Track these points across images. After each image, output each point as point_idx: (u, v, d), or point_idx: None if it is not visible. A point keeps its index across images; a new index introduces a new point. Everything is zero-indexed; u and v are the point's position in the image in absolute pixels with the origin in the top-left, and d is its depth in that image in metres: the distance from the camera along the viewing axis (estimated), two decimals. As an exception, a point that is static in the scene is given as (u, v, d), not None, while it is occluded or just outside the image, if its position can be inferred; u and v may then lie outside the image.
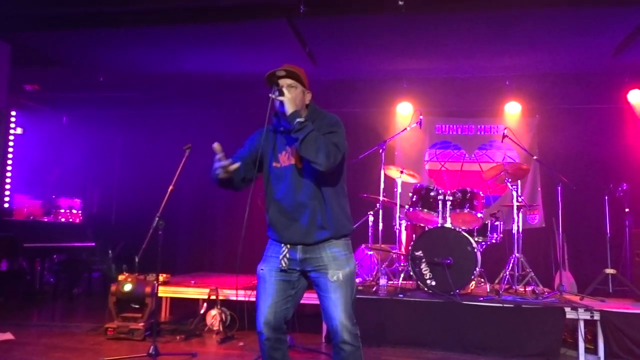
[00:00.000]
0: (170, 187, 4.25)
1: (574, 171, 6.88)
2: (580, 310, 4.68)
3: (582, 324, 4.66)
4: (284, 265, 2.65)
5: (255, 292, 5.24)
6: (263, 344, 2.64)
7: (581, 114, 7.54)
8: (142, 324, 4.91)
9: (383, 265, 5.93)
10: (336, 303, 2.56)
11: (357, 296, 2.75)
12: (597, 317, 4.64)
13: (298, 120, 2.53)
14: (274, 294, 2.63)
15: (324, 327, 5.00)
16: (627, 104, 7.31)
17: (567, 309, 4.69)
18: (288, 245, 2.65)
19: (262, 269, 2.70)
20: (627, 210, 5.96)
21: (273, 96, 2.58)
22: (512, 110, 7.75)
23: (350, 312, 2.58)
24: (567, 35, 6.10)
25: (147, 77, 7.82)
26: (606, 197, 6.02)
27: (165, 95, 8.32)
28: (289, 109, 2.56)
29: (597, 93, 7.43)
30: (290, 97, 2.59)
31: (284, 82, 2.62)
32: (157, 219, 4.10)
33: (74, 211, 8.08)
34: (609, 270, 5.68)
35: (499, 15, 5.63)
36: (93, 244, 7.86)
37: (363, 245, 6.50)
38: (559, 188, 5.73)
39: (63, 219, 7.91)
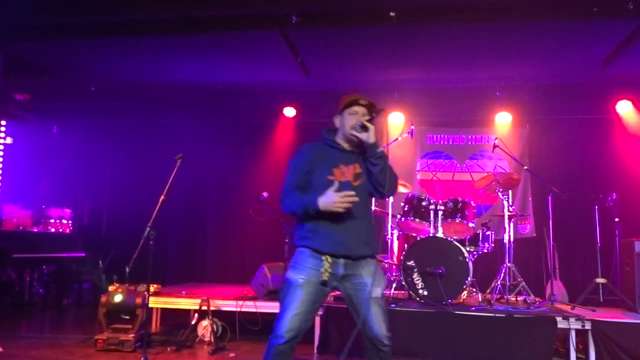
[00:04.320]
0: (162, 197, 4.24)
1: (564, 181, 6.93)
2: (572, 319, 4.70)
3: (573, 333, 4.69)
4: (325, 278, 2.78)
5: (246, 302, 5.27)
6: (275, 349, 2.73)
7: (571, 125, 7.61)
8: (132, 335, 4.87)
9: (375, 275, 5.91)
10: (379, 316, 2.83)
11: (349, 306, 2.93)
12: (588, 326, 4.67)
13: (381, 149, 2.89)
14: (306, 305, 2.75)
15: (316, 337, 4.99)
16: (616, 114, 7.38)
17: (559, 319, 4.71)
18: (330, 259, 2.78)
19: (302, 278, 2.77)
20: (616, 220, 5.98)
21: (363, 121, 2.87)
22: (503, 121, 7.79)
23: (387, 321, 2.87)
24: (557, 46, 6.16)
25: (139, 86, 7.79)
26: (596, 207, 6.05)
27: (157, 105, 8.29)
28: (373, 138, 2.86)
29: (587, 104, 7.50)
30: (374, 127, 2.89)
31: (363, 111, 2.93)
32: (148, 229, 4.09)
33: (64, 221, 8.02)
34: (600, 280, 5.70)
35: (490, 26, 5.67)
36: (83, 254, 7.79)
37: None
38: (550, 198, 5.76)
39: (53, 229, 7.85)
